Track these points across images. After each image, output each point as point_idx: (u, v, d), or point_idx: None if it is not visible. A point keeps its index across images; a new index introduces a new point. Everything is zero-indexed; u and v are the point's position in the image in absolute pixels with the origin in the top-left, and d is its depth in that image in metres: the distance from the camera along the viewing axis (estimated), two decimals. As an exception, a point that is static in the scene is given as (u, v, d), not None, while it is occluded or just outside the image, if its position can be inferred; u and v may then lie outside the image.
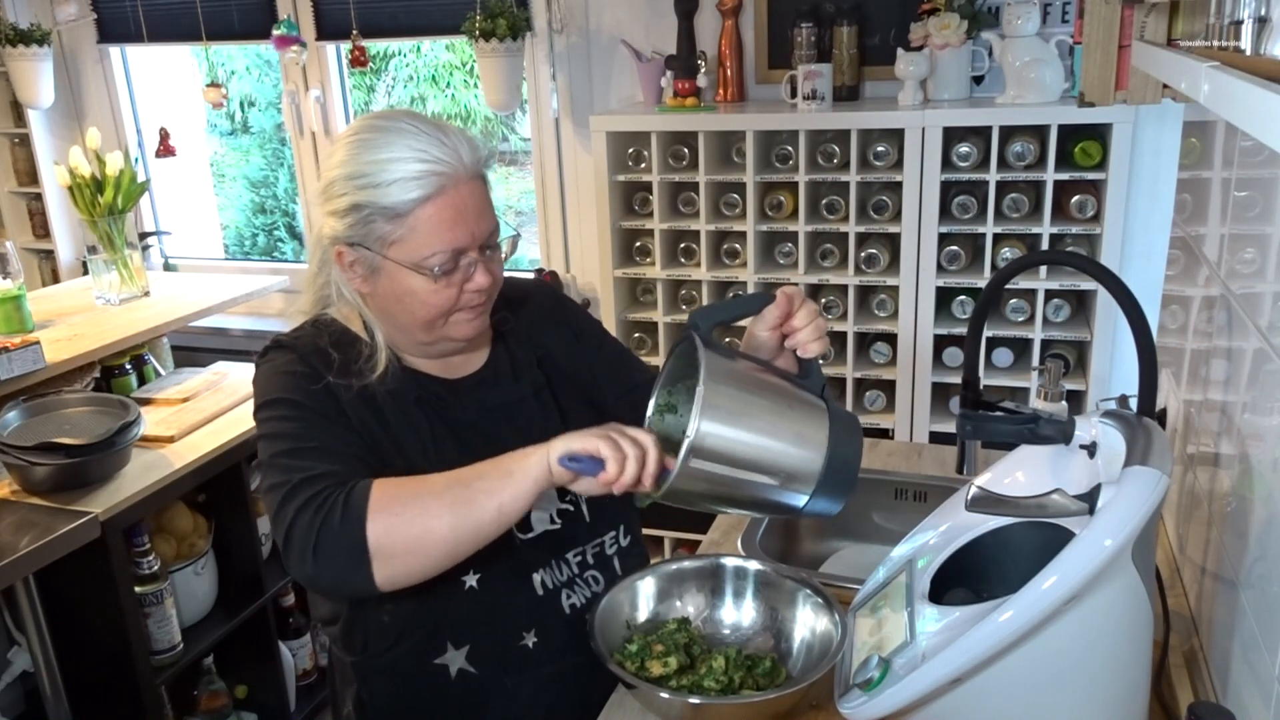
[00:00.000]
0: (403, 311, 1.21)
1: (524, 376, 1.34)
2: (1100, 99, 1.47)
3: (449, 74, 4.81)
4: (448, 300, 1.19)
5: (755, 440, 1.06)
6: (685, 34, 2.71)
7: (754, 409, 1.07)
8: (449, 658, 1.25)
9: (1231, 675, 1.08)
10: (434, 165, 1.14)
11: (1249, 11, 0.72)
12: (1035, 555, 1.01)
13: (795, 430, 1.08)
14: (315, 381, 1.20)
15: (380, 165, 1.14)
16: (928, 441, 2.49)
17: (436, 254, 1.16)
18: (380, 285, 1.20)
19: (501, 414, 1.30)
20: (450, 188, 1.15)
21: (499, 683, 1.27)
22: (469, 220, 1.17)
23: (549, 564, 1.29)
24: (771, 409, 1.09)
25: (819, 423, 1.10)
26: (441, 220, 1.15)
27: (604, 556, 1.34)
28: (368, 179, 1.15)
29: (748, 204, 2.57)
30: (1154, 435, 1.03)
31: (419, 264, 1.16)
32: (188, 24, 3.32)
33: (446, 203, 1.15)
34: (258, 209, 5.03)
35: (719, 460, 1.05)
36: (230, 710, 2.37)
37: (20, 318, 2.44)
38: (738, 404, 1.06)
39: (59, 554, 1.84)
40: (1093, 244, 2.38)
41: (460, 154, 1.16)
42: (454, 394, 1.29)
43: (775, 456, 1.07)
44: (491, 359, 1.34)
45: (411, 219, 1.15)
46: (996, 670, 1.01)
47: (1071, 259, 1.52)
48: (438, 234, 1.16)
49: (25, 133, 3.60)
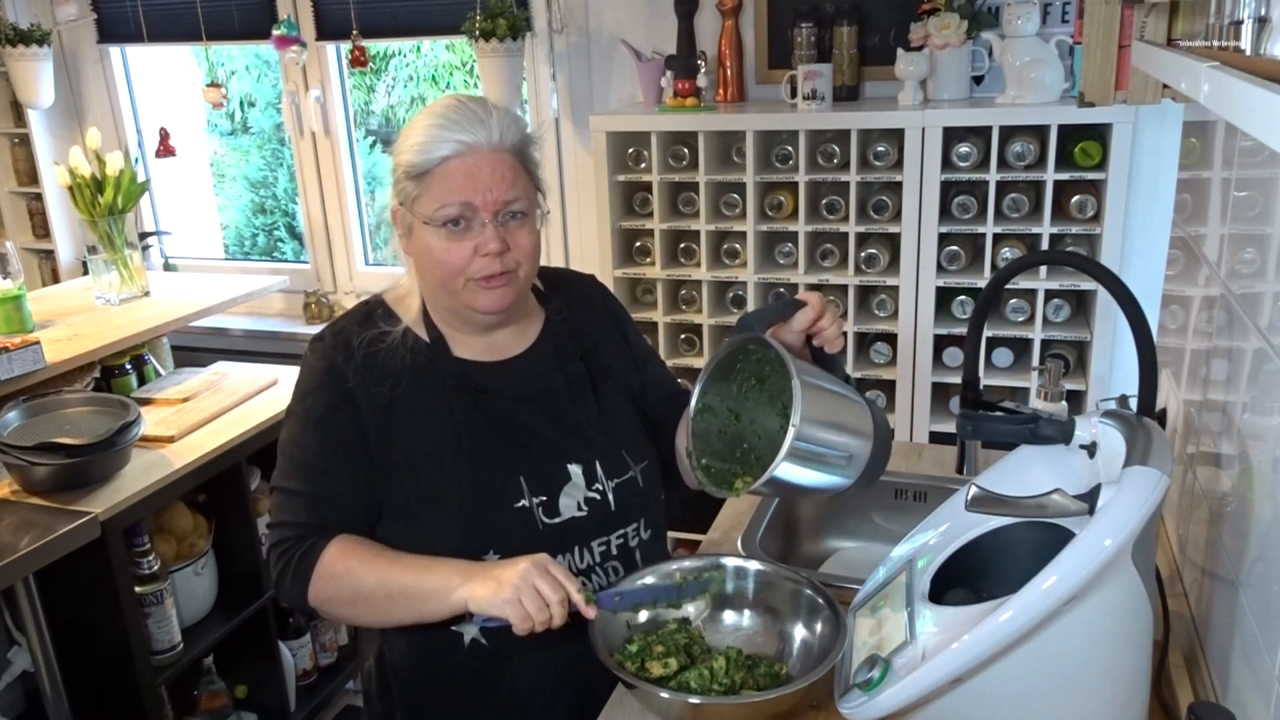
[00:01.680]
0: (426, 269, 1.29)
1: (567, 366, 1.38)
2: (1100, 99, 1.47)
3: (449, 74, 4.81)
4: (460, 259, 1.25)
5: (833, 433, 1.15)
6: (685, 34, 2.71)
7: (828, 404, 1.15)
8: (464, 627, 1.30)
9: (1231, 675, 1.08)
10: (458, 133, 1.23)
11: (1249, 11, 0.72)
12: (1035, 555, 1.01)
13: (854, 419, 1.17)
14: (339, 382, 1.30)
15: (421, 131, 1.25)
16: (928, 441, 2.49)
17: (445, 207, 1.23)
18: (414, 243, 1.29)
19: (537, 404, 1.34)
20: (468, 153, 1.24)
21: (508, 659, 1.31)
22: (481, 182, 1.24)
23: (571, 550, 1.32)
24: (839, 404, 1.18)
25: (864, 411, 1.19)
26: (454, 178, 1.23)
27: (627, 548, 1.37)
28: (408, 143, 1.26)
29: (748, 204, 2.57)
30: (1154, 435, 1.03)
31: (431, 217, 1.24)
32: (188, 24, 3.32)
33: (462, 164, 1.23)
34: (258, 209, 5.02)
35: (807, 453, 1.12)
36: (230, 710, 2.37)
37: (20, 318, 2.44)
38: (818, 400, 1.13)
39: (59, 554, 1.84)
40: (1093, 244, 2.38)
41: (490, 127, 1.25)
42: (492, 379, 1.34)
43: (845, 446, 1.16)
44: (538, 342, 1.39)
45: (429, 176, 1.24)
46: (996, 670, 1.01)
47: (1071, 259, 1.52)
48: (448, 189, 1.23)
49: (25, 133, 3.60)
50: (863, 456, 1.18)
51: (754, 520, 1.61)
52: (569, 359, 1.39)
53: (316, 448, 1.29)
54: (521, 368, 1.36)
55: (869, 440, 1.18)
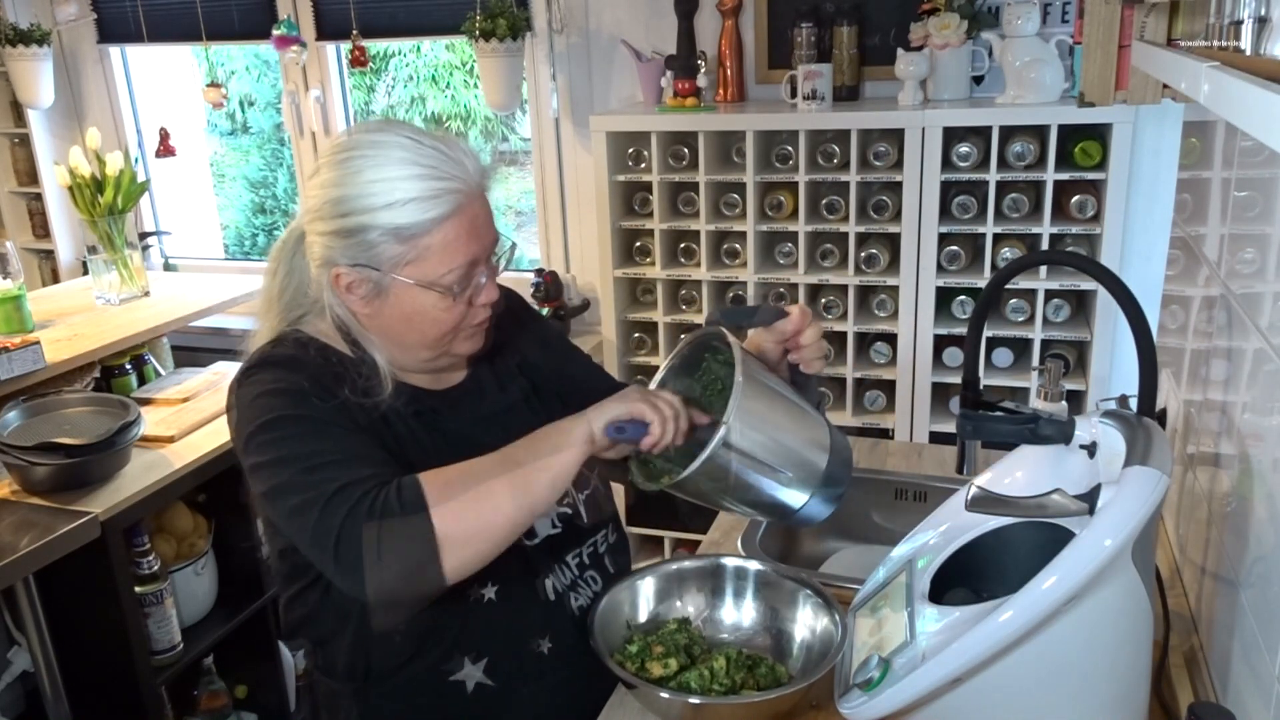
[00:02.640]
0: (409, 331, 1.18)
1: (510, 384, 1.33)
2: (1100, 99, 1.47)
3: (449, 74, 4.81)
4: (458, 316, 1.18)
5: (775, 439, 1.11)
6: (685, 34, 2.71)
7: (777, 411, 1.12)
8: (466, 673, 1.23)
9: (1231, 675, 1.08)
10: (448, 183, 1.12)
11: (1249, 11, 0.72)
12: (1035, 555, 1.01)
13: (807, 435, 1.14)
14: (327, 398, 1.15)
15: (389, 184, 1.10)
16: (928, 441, 2.49)
17: (452, 270, 1.14)
18: (386, 306, 1.17)
19: (495, 423, 1.27)
20: (465, 205, 1.13)
21: (516, 692, 1.25)
22: (481, 234, 1.16)
23: (554, 569, 1.28)
24: (789, 413, 1.14)
25: (822, 431, 1.16)
26: (458, 237, 1.13)
27: (597, 555, 1.34)
28: (375, 199, 1.11)
29: (748, 204, 2.57)
30: (1154, 435, 1.03)
31: (434, 282, 1.14)
32: (188, 24, 3.32)
33: (462, 219, 1.13)
34: (257, 209, 5.03)
35: (742, 455, 1.08)
36: (230, 710, 2.37)
37: (20, 318, 2.44)
38: (764, 404, 1.10)
39: (59, 554, 1.84)
40: (1093, 244, 2.38)
41: (467, 167, 1.14)
42: (446, 405, 1.27)
43: (787, 457, 1.12)
44: (474, 368, 1.32)
45: (427, 239, 1.12)
46: (996, 670, 1.01)
47: (1071, 259, 1.52)
48: (454, 251, 1.13)
49: (25, 133, 3.60)
50: (812, 473, 1.13)
51: (754, 520, 1.61)
52: (509, 377, 1.33)
53: (318, 415, 1.13)
54: (469, 392, 1.30)
55: (821, 456, 1.13)
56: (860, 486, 1.72)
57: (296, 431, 1.12)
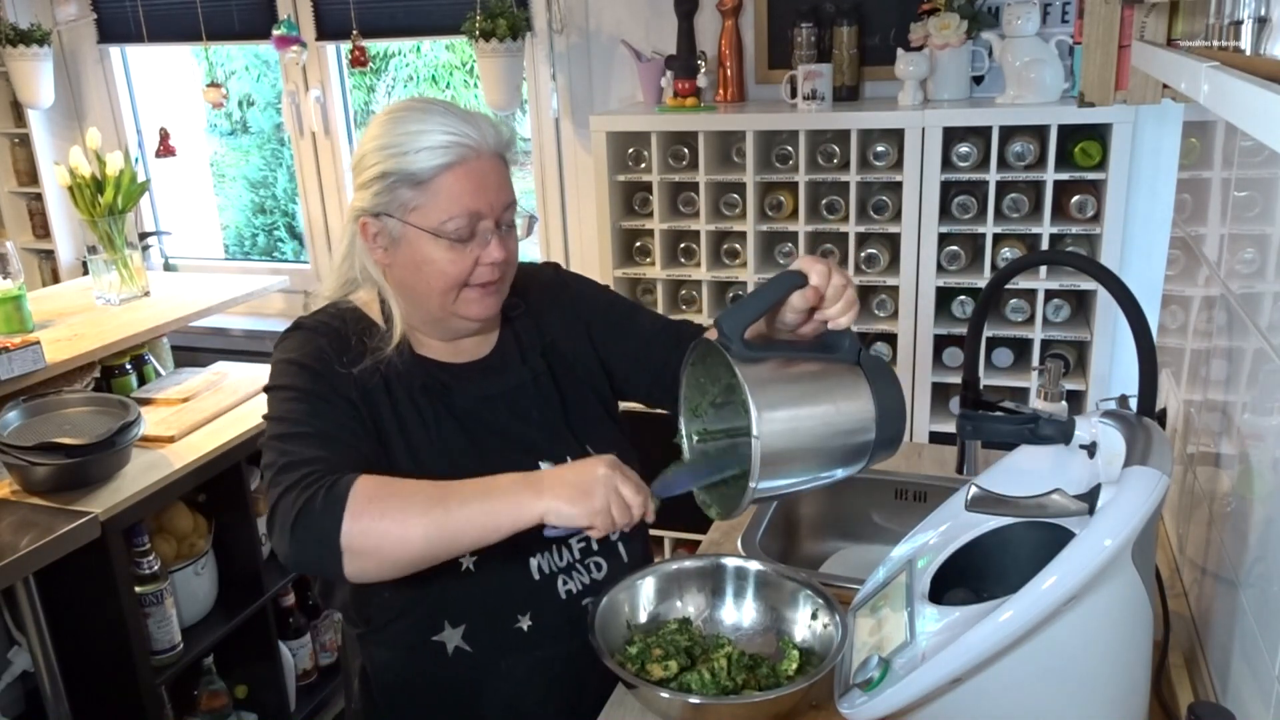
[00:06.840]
0: (420, 281, 1.25)
1: (531, 364, 1.37)
2: (1100, 99, 1.47)
3: (449, 74, 4.80)
4: (463, 269, 1.23)
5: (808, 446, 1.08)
6: (685, 34, 2.71)
7: (801, 415, 1.08)
8: (446, 635, 1.29)
9: (1231, 675, 1.08)
10: (459, 138, 1.20)
11: (1249, 11, 0.72)
12: (1035, 555, 1.01)
13: (842, 420, 1.09)
14: (327, 364, 1.24)
15: (410, 135, 1.20)
16: (928, 441, 2.49)
17: (454, 218, 1.21)
18: (400, 255, 1.24)
19: (502, 401, 1.33)
20: (472, 159, 1.21)
21: (494, 663, 1.30)
22: (488, 190, 1.22)
23: (548, 549, 1.30)
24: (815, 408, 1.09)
25: (859, 393, 1.10)
26: (462, 186, 1.21)
27: (609, 543, 1.36)
28: (397, 148, 1.20)
29: (748, 204, 2.57)
30: (1154, 435, 1.03)
31: (438, 228, 1.21)
32: (188, 24, 3.32)
33: (467, 171, 1.21)
34: (257, 209, 5.02)
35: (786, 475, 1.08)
36: (230, 710, 2.37)
37: (20, 318, 2.44)
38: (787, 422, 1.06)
39: (59, 554, 1.84)
40: (1093, 244, 2.38)
41: (484, 132, 1.23)
42: (458, 380, 1.32)
43: (830, 455, 1.10)
44: (499, 345, 1.37)
45: (434, 185, 1.20)
46: (996, 670, 1.01)
47: (1071, 259, 1.52)
48: (457, 199, 1.21)
49: (25, 133, 3.60)
50: (866, 442, 1.10)
51: (754, 520, 1.61)
52: (532, 357, 1.37)
53: (315, 388, 1.22)
54: (486, 369, 1.35)
55: (867, 425, 1.10)
56: (860, 486, 1.72)
57: (290, 397, 1.23)
